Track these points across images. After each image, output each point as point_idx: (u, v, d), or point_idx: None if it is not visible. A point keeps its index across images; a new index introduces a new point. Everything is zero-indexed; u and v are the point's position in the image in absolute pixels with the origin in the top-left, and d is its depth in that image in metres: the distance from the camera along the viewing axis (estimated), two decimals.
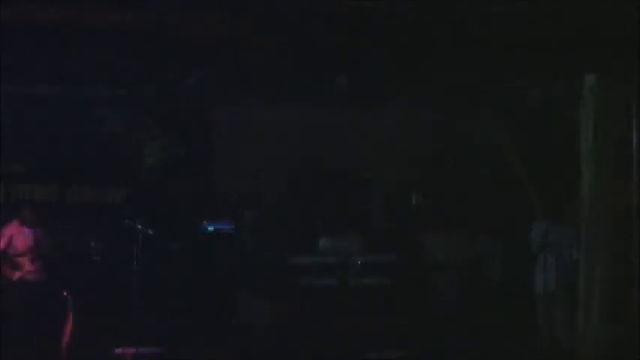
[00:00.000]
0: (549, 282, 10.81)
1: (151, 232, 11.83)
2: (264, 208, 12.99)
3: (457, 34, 8.81)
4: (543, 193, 11.65)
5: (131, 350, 10.31)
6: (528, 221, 11.31)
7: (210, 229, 12.84)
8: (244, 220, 12.84)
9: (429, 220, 13.14)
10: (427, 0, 8.35)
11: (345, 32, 8.74)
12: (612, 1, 8.49)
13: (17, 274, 11.01)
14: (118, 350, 10.49)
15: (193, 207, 13.15)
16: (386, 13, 8.30)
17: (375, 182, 14.08)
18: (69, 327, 10.97)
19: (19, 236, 11.15)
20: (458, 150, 13.35)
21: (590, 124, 9.97)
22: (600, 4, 8.48)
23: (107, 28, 8.37)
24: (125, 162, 13.26)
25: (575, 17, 8.60)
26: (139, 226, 11.78)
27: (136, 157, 13.32)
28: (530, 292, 11.11)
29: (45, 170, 12.86)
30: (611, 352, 9.65)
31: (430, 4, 8.36)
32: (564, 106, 10.72)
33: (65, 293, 11.25)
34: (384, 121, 13.33)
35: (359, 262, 12.48)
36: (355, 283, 12.47)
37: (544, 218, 11.09)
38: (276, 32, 8.70)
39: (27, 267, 11.03)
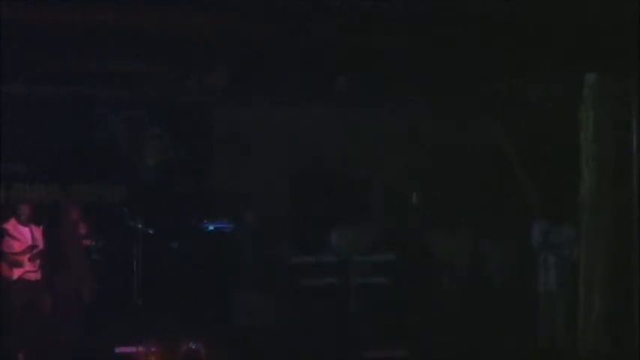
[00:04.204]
0: (549, 282, 10.81)
1: (151, 232, 11.86)
2: (264, 207, 12.99)
3: (457, 34, 8.80)
4: (543, 193, 11.64)
5: (132, 349, 10.29)
6: (528, 221, 11.30)
7: (211, 228, 12.84)
8: (244, 219, 12.85)
9: (430, 219, 13.14)
10: (427, 0, 8.34)
11: (347, 33, 8.74)
12: (612, 1, 8.47)
13: (16, 274, 10.94)
14: (119, 349, 10.47)
15: (194, 206, 13.16)
16: (386, 13, 8.29)
17: (375, 182, 14.12)
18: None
19: (15, 235, 11.08)
20: (458, 149, 13.37)
21: (590, 124, 9.96)
22: (600, 4, 8.47)
23: (107, 27, 8.37)
24: (125, 162, 13.28)
25: (575, 17, 8.59)
26: (140, 226, 11.79)
27: (136, 157, 13.34)
28: (531, 291, 11.11)
29: (45, 170, 12.88)
30: (611, 352, 9.65)
31: (430, 4, 8.35)
32: (564, 105, 10.71)
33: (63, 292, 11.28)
34: (384, 121, 13.35)
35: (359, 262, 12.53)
36: (355, 283, 12.48)
37: (544, 218, 11.08)
38: (277, 33, 8.71)
39: (26, 266, 10.96)
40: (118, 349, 10.30)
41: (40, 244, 11.03)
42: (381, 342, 10.94)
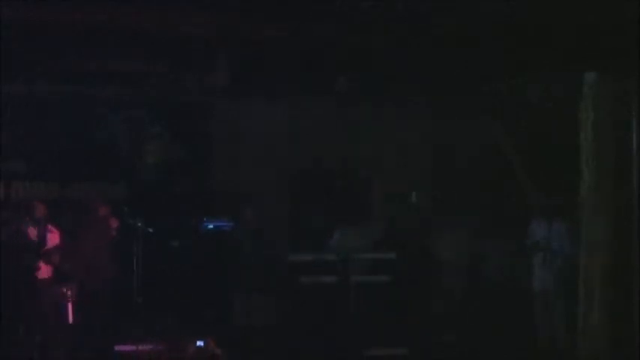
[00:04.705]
0: (549, 282, 10.82)
1: (151, 231, 11.86)
2: (264, 207, 12.99)
3: (457, 34, 8.81)
4: (543, 193, 11.64)
5: (132, 347, 10.29)
6: (528, 221, 11.30)
7: (211, 227, 12.84)
8: (244, 218, 12.85)
9: (430, 219, 13.15)
10: (427, 0, 8.35)
11: (347, 33, 8.74)
12: (612, 1, 8.48)
13: (23, 271, 10.91)
14: (119, 347, 10.47)
15: (194, 206, 13.16)
16: (386, 13, 8.30)
17: (375, 182, 14.12)
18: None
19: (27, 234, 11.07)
20: (458, 149, 13.37)
21: (590, 124, 9.96)
22: (600, 4, 8.47)
23: (107, 27, 8.38)
24: (125, 161, 13.28)
25: (575, 17, 8.60)
26: (139, 224, 11.80)
27: (136, 157, 13.34)
28: (530, 291, 11.11)
29: (46, 168, 12.90)
30: (611, 352, 9.65)
31: (430, 4, 8.36)
32: (565, 105, 10.70)
33: (66, 290, 11.29)
34: (384, 121, 13.35)
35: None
36: (356, 282, 12.47)
37: (544, 218, 11.09)
38: (277, 33, 8.71)
39: (33, 264, 10.96)
40: (118, 348, 10.30)
41: (49, 243, 11.06)
42: (381, 341, 10.94)
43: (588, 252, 9.93)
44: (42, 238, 11.10)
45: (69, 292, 11.30)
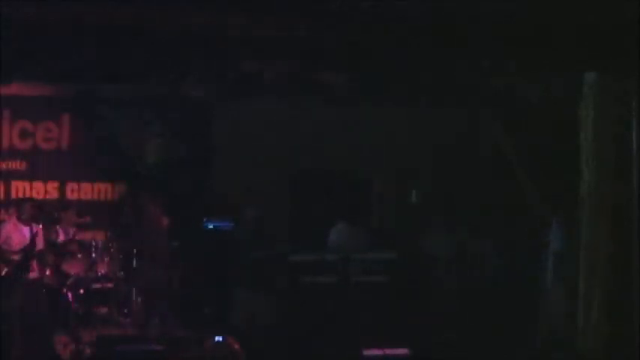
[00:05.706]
0: (549, 281, 10.83)
1: None
2: (264, 207, 13.00)
3: (457, 34, 8.81)
4: (543, 193, 11.65)
5: (132, 347, 10.30)
6: (528, 221, 11.32)
7: (210, 226, 12.85)
8: (244, 218, 12.86)
9: (429, 219, 13.16)
10: (427, 0, 8.36)
11: (347, 32, 8.75)
12: (612, 1, 8.49)
13: (10, 273, 10.84)
14: (120, 347, 10.47)
15: (194, 205, 13.17)
16: (386, 13, 8.31)
17: (375, 182, 14.14)
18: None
19: (15, 233, 10.99)
20: (457, 149, 13.39)
21: (590, 123, 9.97)
22: (600, 4, 8.48)
23: (106, 25, 8.39)
24: (126, 160, 13.30)
25: (575, 17, 8.61)
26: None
27: (137, 156, 13.36)
28: (530, 291, 11.13)
29: (45, 167, 12.93)
30: (611, 352, 9.66)
31: (430, 4, 8.37)
32: (565, 105, 10.71)
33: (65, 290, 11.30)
34: (384, 121, 13.36)
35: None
36: (355, 282, 12.49)
37: (544, 218, 11.10)
38: (277, 32, 8.71)
39: (22, 265, 10.88)
40: (119, 348, 10.30)
41: (39, 244, 10.99)
42: (381, 341, 10.94)
43: (588, 252, 9.95)
44: (33, 240, 11.02)
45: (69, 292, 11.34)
